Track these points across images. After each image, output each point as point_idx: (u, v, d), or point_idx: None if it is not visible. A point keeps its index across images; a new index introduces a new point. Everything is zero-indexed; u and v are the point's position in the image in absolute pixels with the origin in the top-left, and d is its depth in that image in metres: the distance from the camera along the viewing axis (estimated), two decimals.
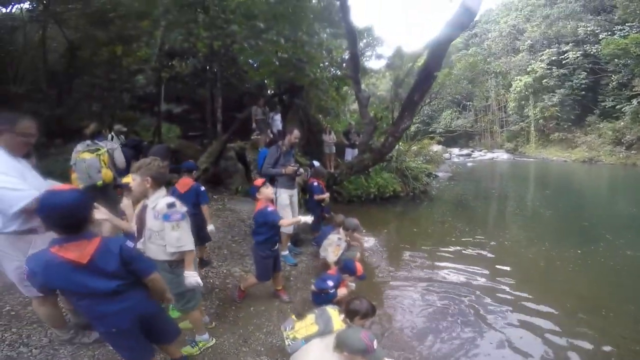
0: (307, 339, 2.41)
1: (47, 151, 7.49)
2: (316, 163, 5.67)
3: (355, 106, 21.51)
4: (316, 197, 5.01)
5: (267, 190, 3.24)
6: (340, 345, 1.99)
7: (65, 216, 1.46)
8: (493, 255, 5.43)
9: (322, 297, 3.31)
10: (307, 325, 2.47)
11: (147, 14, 6.10)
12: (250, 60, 11.48)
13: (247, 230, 5.22)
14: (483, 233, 6.69)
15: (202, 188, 3.80)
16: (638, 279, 4.71)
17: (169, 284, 2.02)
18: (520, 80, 33.60)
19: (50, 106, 8.81)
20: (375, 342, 1.97)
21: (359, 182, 8.72)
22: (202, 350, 2.57)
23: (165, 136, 11.07)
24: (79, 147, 3.80)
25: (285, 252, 4.46)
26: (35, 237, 1.98)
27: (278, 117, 9.67)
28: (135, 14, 6.14)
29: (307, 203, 5.30)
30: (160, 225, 2.08)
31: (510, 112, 36.96)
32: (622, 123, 25.08)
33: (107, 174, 3.77)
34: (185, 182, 3.71)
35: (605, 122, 26.99)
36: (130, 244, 1.65)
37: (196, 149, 9.50)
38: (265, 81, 12.99)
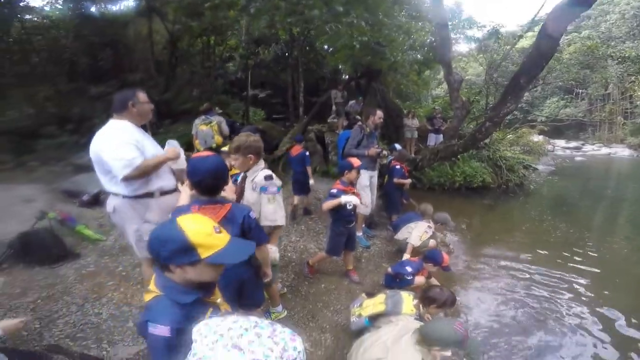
0: (371, 318, 2.35)
1: (157, 130, 8.70)
2: (398, 146, 5.41)
3: (438, 91, 20.18)
4: (396, 180, 4.77)
5: (354, 175, 3.25)
6: (429, 339, 1.84)
7: (215, 177, 1.63)
8: (600, 264, 4.46)
9: (395, 282, 3.16)
10: (375, 303, 2.39)
11: (235, 3, 6.43)
12: (325, 46, 11.56)
13: None
14: (590, 238, 5.53)
15: (307, 153, 5.17)
16: None
17: None
18: None
19: (159, 91, 10.19)
20: (468, 332, 1.81)
21: (443, 169, 8.10)
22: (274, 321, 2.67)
23: (252, 119, 11.94)
24: (197, 121, 5.19)
25: (359, 234, 4.35)
26: (150, 201, 2.14)
27: (355, 104, 9.51)
28: (226, 4, 6.56)
29: (385, 186, 5.08)
30: (256, 197, 2.09)
31: (638, 102, 30.24)
32: None
33: (218, 139, 5.06)
34: (296, 149, 5.22)
35: None
36: (253, 214, 1.74)
37: (279, 130, 10.11)
38: (340, 66, 12.96)
